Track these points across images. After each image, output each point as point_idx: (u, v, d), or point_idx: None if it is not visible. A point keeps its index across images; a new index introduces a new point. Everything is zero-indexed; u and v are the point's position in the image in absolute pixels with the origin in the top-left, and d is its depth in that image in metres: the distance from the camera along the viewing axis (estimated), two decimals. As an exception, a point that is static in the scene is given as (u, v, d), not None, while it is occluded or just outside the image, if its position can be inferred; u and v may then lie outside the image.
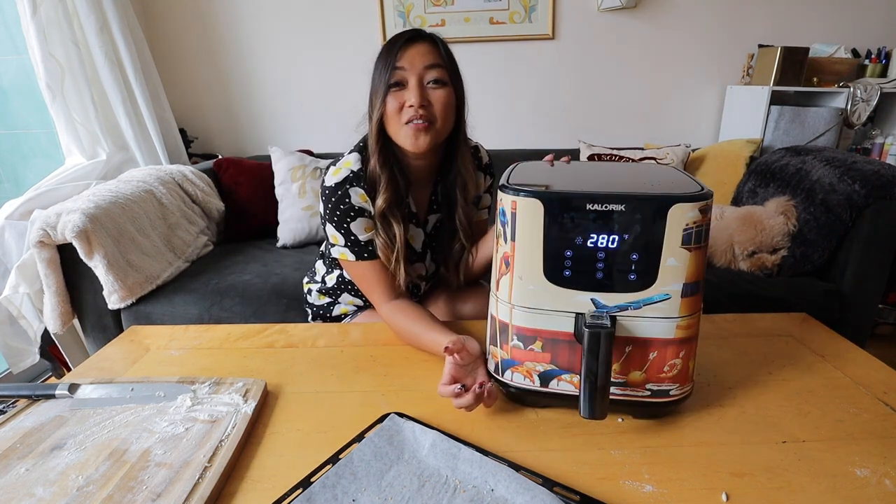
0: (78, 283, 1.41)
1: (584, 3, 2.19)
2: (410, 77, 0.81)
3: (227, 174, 2.00)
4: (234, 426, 0.62)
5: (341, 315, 1.12)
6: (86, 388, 0.70)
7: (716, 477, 0.55)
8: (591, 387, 0.56)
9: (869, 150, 2.22)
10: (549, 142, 2.34)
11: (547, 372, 0.64)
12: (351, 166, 0.87)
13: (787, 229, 1.52)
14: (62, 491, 0.52)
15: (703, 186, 0.59)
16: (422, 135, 0.82)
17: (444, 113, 0.84)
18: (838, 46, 2.11)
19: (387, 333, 0.90)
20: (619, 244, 0.58)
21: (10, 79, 1.81)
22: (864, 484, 0.54)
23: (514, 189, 0.60)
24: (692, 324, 0.61)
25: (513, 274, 0.62)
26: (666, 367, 0.61)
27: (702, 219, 0.57)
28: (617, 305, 0.60)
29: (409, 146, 0.84)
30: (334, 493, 0.51)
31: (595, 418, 0.58)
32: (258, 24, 2.24)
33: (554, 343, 0.63)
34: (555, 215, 0.58)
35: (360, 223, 0.87)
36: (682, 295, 0.59)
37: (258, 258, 1.72)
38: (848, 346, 0.83)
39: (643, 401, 0.63)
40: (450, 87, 0.84)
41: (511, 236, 0.61)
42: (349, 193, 0.86)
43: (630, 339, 0.61)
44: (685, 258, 0.58)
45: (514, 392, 0.67)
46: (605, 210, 0.57)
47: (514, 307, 0.63)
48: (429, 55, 0.82)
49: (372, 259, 0.89)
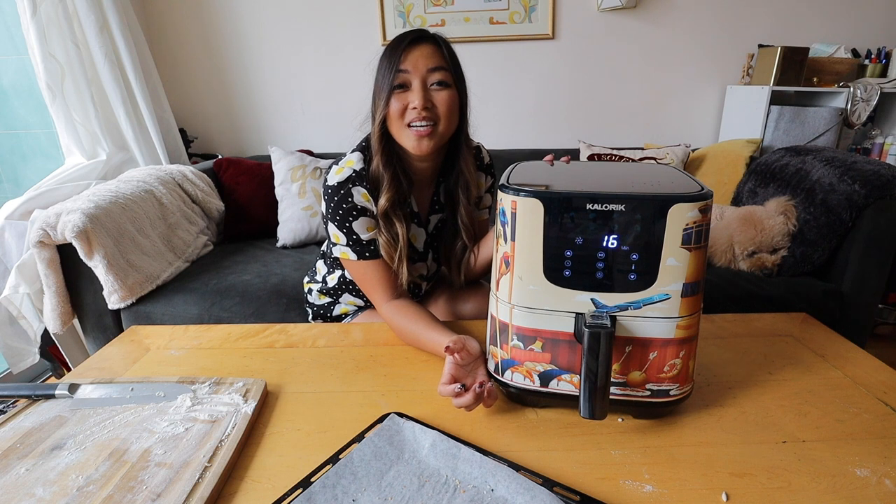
0: (78, 283, 1.41)
1: (584, 3, 2.19)
2: (414, 79, 0.82)
3: (227, 174, 2.00)
4: (234, 426, 0.62)
5: (342, 315, 1.12)
6: (86, 388, 0.70)
7: (716, 477, 0.55)
8: (591, 387, 0.56)
9: (869, 150, 2.22)
10: (549, 142, 2.34)
11: (547, 372, 0.64)
12: (353, 165, 0.88)
13: (787, 229, 1.52)
14: (62, 491, 0.52)
15: (703, 186, 0.59)
16: (425, 140, 0.84)
17: (448, 115, 0.84)
18: (838, 46, 2.11)
19: (387, 333, 0.90)
20: (619, 244, 0.58)
21: (10, 79, 1.81)
22: (864, 484, 0.54)
23: (514, 189, 0.60)
24: (692, 324, 0.61)
25: (513, 274, 0.62)
26: (666, 367, 0.61)
27: (702, 218, 0.57)
28: (617, 305, 0.60)
29: (412, 149, 0.85)
30: (334, 493, 0.51)
31: (595, 418, 0.58)
32: (258, 24, 2.24)
33: (554, 343, 0.63)
34: (555, 215, 0.58)
35: (362, 222, 0.88)
36: (683, 295, 0.59)
37: (258, 258, 1.72)
38: (848, 346, 0.83)
39: (643, 401, 0.63)
40: (453, 88, 0.84)
41: (511, 236, 0.61)
42: (352, 193, 0.86)
43: (630, 339, 0.61)
44: (685, 258, 0.58)
45: (514, 392, 0.67)
46: (605, 210, 0.57)
47: (514, 307, 0.63)
48: (432, 57, 0.82)
49: (373, 258, 0.89)
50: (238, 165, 2.03)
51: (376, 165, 0.87)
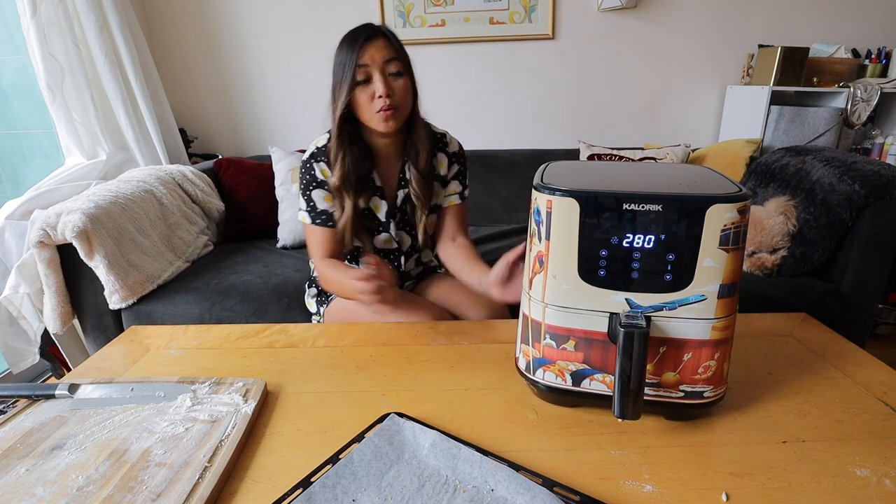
0: (78, 283, 1.41)
1: (584, 3, 2.19)
2: (374, 71, 0.95)
3: (227, 174, 2.00)
4: (234, 426, 0.62)
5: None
6: (86, 388, 0.70)
7: (716, 477, 0.55)
8: (625, 387, 0.56)
9: (869, 150, 2.22)
10: (549, 142, 2.34)
11: (579, 371, 0.63)
12: (318, 143, 1.05)
13: (787, 229, 1.52)
14: (62, 491, 0.52)
15: (741, 187, 0.58)
16: (391, 120, 0.97)
17: (405, 98, 0.99)
18: (838, 46, 2.11)
19: (387, 334, 0.90)
20: (656, 244, 0.57)
21: (10, 79, 1.81)
22: (864, 484, 0.54)
23: (549, 188, 0.60)
24: (728, 325, 0.60)
25: (546, 273, 0.62)
26: (700, 369, 0.61)
27: (740, 219, 0.56)
28: (652, 306, 0.59)
29: (381, 128, 0.98)
30: (334, 493, 0.51)
31: (628, 419, 0.57)
32: (258, 24, 2.24)
33: (587, 342, 0.62)
34: (591, 215, 0.58)
35: (319, 193, 1.05)
36: (719, 296, 0.58)
37: (259, 258, 1.72)
38: (848, 346, 0.83)
39: (676, 402, 0.62)
40: (406, 76, 0.99)
41: (546, 235, 0.61)
42: (314, 167, 1.04)
43: (664, 340, 0.60)
44: (723, 259, 0.57)
45: (544, 390, 0.67)
46: (642, 210, 0.57)
47: (547, 306, 0.63)
48: (386, 49, 0.96)
49: (323, 226, 1.05)
50: (238, 165, 2.03)
51: (332, 145, 1.01)
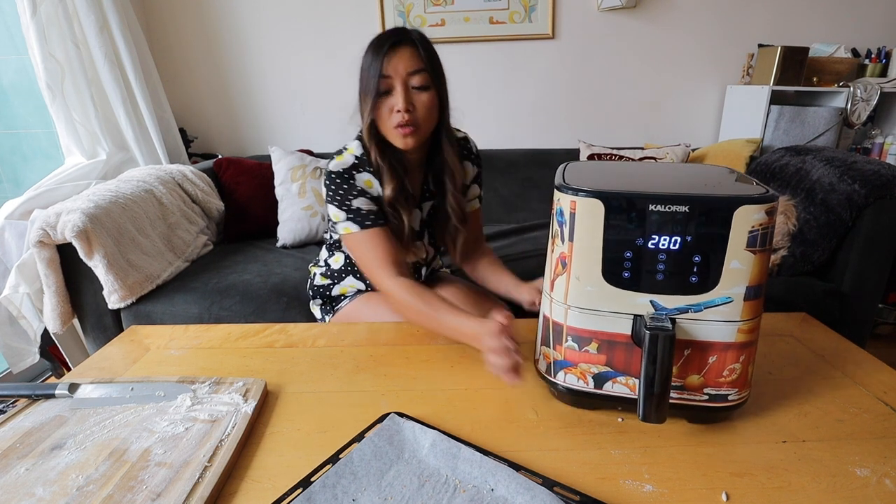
0: (78, 282, 1.41)
1: (584, 3, 2.19)
2: (396, 83, 0.88)
3: (227, 174, 2.00)
4: (234, 426, 0.62)
5: (340, 295, 1.14)
6: (86, 387, 0.70)
7: (716, 477, 0.55)
8: (650, 390, 0.56)
9: (869, 150, 2.22)
10: (549, 142, 2.34)
11: (602, 374, 0.63)
12: (354, 152, 0.96)
13: (787, 229, 1.52)
14: (62, 491, 0.52)
15: (767, 188, 0.58)
16: (409, 137, 0.91)
17: (427, 115, 0.91)
18: (838, 46, 2.11)
19: (387, 334, 0.90)
20: (682, 246, 0.57)
21: (10, 79, 1.81)
22: (864, 484, 0.54)
23: (573, 189, 0.59)
24: (754, 328, 0.60)
25: (569, 274, 0.61)
26: (725, 372, 0.60)
27: (768, 221, 0.56)
28: (677, 308, 0.58)
29: (399, 145, 0.92)
30: (334, 493, 0.51)
31: (653, 422, 0.57)
32: (258, 24, 2.24)
33: (610, 345, 0.61)
34: (616, 216, 0.57)
35: (362, 201, 0.93)
36: (745, 298, 0.57)
37: (258, 258, 1.72)
38: (848, 346, 0.83)
39: (700, 405, 0.62)
40: (432, 89, 0.90)
41: (569, 236, 0.60)
42: (354, 177, 0.94)
43: (689, 343, 0.60)
44: (749, 261, 0.56)
45: (565, 392, 0.66)
46: (668, 211, 0.56)
47: (569, 308, 0.62)
48: (411, 60, 0.88)
49: (376, 227, 0.92)
50: (238, 165, 2.03)
51: (374, 158, 0.94)
